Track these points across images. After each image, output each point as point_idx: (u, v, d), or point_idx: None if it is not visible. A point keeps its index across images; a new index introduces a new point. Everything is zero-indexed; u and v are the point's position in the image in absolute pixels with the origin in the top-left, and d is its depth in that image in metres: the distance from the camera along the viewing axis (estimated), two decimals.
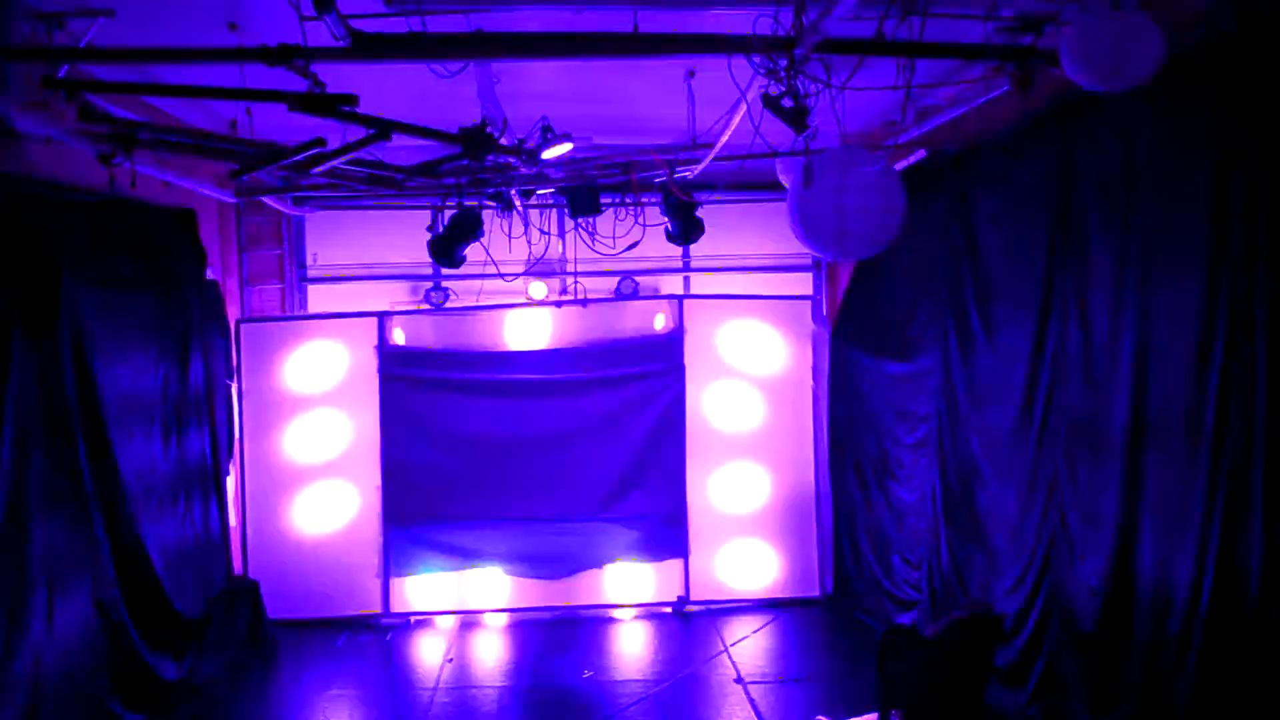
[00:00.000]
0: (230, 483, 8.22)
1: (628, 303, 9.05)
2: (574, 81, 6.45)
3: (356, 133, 5.53)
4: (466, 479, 8.60)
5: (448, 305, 9.04)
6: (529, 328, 8.87)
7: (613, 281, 9.14)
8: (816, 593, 8.88)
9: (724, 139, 6.62)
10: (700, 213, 7.84)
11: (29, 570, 5.17)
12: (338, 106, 4.83)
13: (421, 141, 5.93)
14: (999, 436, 6.21)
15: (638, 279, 9.21)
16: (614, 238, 7.86)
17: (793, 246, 7.15)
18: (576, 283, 8.78)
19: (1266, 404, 3.98)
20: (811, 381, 8.96)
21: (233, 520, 8.16)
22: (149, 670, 6.25)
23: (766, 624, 8.35)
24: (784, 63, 4.44)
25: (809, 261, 9.51)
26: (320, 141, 5.61)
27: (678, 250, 9.22)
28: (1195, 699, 4.36)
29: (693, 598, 8.76)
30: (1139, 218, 4.83)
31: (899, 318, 7.74)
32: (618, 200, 7.96)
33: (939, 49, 4.76)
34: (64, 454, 5.58)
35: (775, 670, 7.35)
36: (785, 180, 6.68)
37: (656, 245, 8.34)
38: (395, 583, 8.60)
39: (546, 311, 8.87)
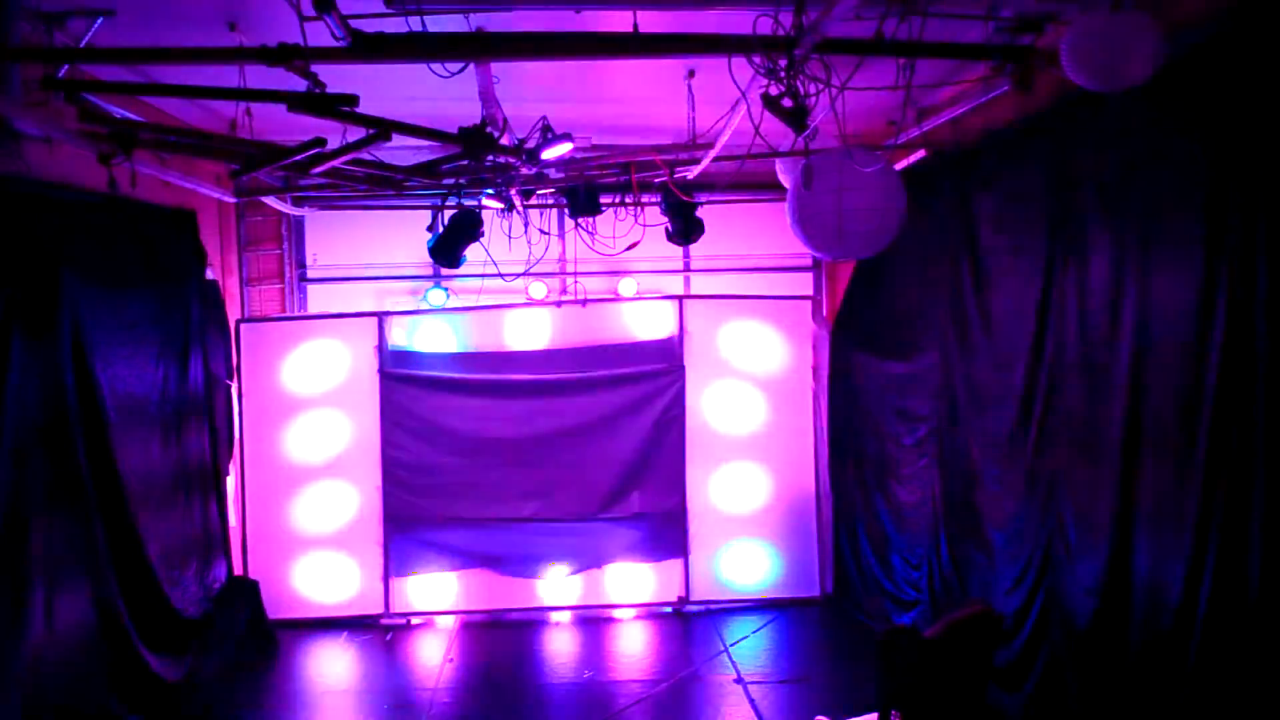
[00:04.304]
0: (230, 482, 8.22)
1: (627, 303, 9.04)
2: (574, 81, 6.46)
3: (356, 133, 5.54)
4: (466, 479, 8.59)
5: (447, 305, 9.05)
6: (529, 328, 8.87)
7: (613, 281, 9.15)
8: (816, 593, 8.88)
9: (724, 139, 6.63)
10: (700, 213, 7.85)
11: (29, 570, 5.17)
12: (337, 106, 4.84)
13: (421, 141, 5.94)
14: (998, 437, 6.21)
15: (638, 279, 9.22)
16: (614, 238, 7.86)
17: (793, 246, 7.14)
18: (576, 283, 8.78)
19: (1265, 404, 3.98)
20: (811, 381, 8.96)
21: (233, 520, 8.16)
22: (149, 670, 6.25)
23: (766, 624, 8.35)
24: (784, 63, 4.44)
25: (809, 261, 9.51)
26: (320, 141, 5.62)
27: (678, 250, 9.22)
28: (1192, 699, 4.37)
29: (693, 598, 8.76)
30: (1138, 218, 4.82)
31: (899, 318, 7.74)
32: (618, 200, 7.96)
33: (939, 49, 4.77)
34: (64, 454, 5.58)
35: (775, 670, 7.35)
36: (785, 180, 6.69)
37: (656, 245, 8.34)
38: (395, 583, 8.61)
39: (546, 311, 8.87)
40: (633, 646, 8.08)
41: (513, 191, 7.67)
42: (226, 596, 7.57)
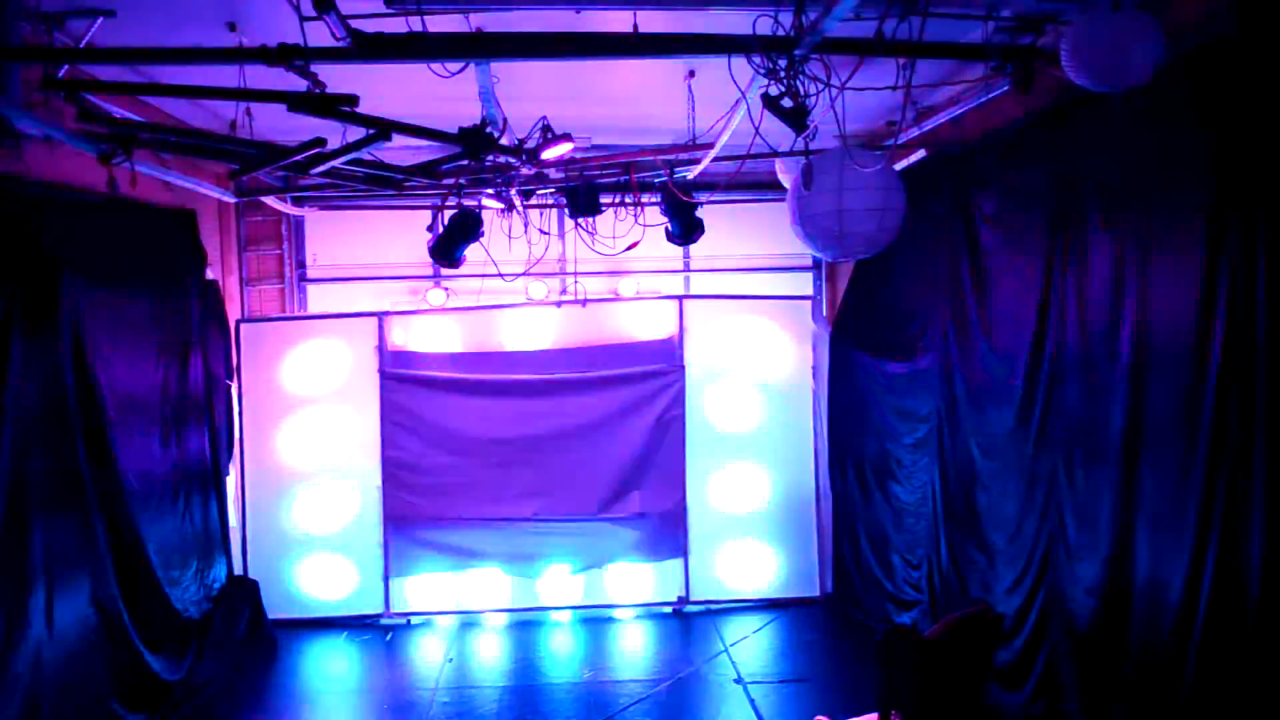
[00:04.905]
0: (230, 482, 8.22)
1: (627, 302, 9.04)
2: (574, 81, 6.46)
3: (356, 133, 5.54)
4: (466, 479, 8.59)
5: (447, 305, 9.05)
6: (529, 328, 8.86)
7: (613, 281, 9.15)
8: (816, 593, 8.88)
9: (724, 139, 6.63)
10: (700, 213, 7.85)
11: (29, 570, 5.17)
12: (338, 106, 4.84)
13: (421, 141, 5.94)
14: (998, 437, 6.21)
15: (638, 279, 9.22)
16: (614, 238, 7.86)
17: (793, 246, 7.13)
18: (576, 283, 8.78)
19: (1266, 403, 3.98)
20: (811, 381, 8.96)
21: (233, 520, 8.16)
22: (149, 670, 6.25)
23: (766, 624, 8.35)
24: (784, 63, 4.44)
25: (809, 261, 9.51)
26: (320, 141, 5.61)
27: (678, 250, 9.22)
28: (1193, 698, 4.37)
29: (693, 598, 8.76)
30: (1138, 218, 4.83)
31: (899, 318, 7.74)
32: (618, 200, 7.96)
33: (939, 49, 4.77)
34: (64, 454, 5.58)
35: (775, 670, 7.35)
36: (785, 180, 6.69)
37: (656, 245, 8.34)
38: (395, 583, 8.61)
39: (546, 311, 8.87)
40: (633, 646, 8.08)
41: (513, 191, 7.66)
42: (226, 596, 7.57)
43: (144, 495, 6.45)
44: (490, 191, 7.62)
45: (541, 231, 8.18)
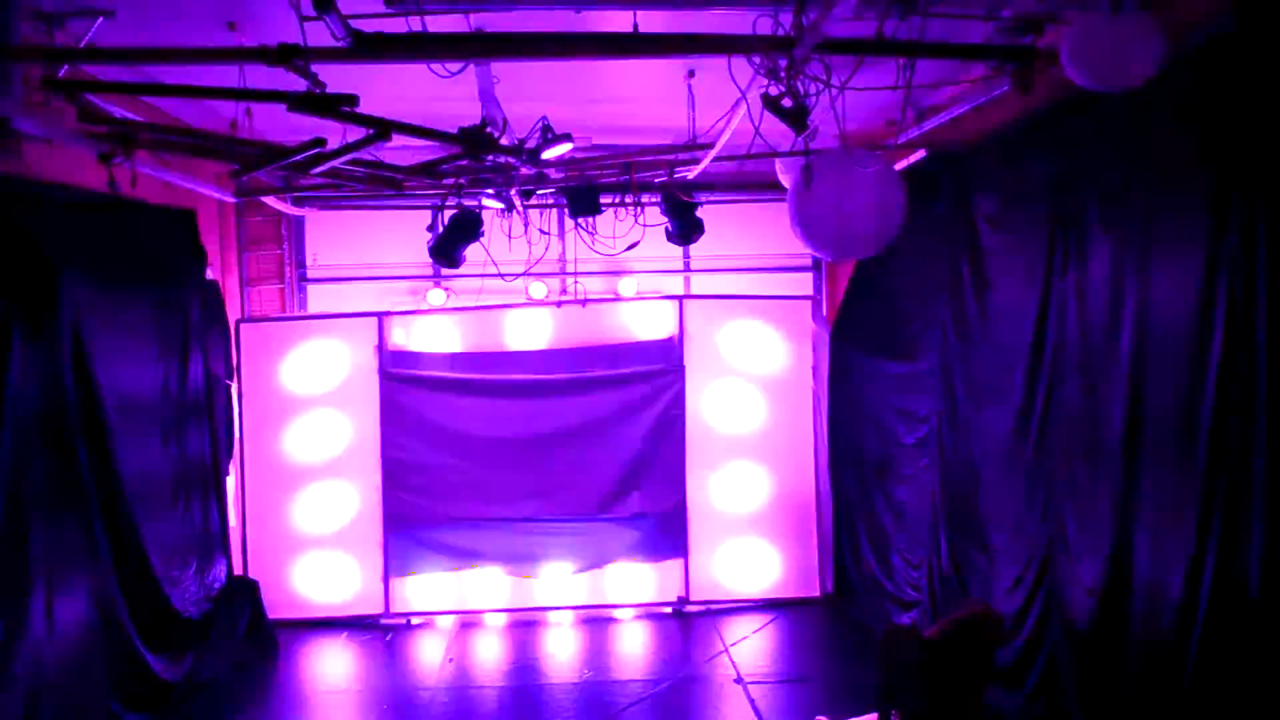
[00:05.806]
0: (230, 483, 8.22)
1: (627, 302, 9.05)
2: (574, 81, 6.46)
3: (357, 133, 5.54)
4: (466, 479, 8.59)
5: (447, 305, 9.05)
6: (529, 328, 8.87)
7: (613, 281, 9.15)
8: (816, 593, 8.88)
9: (724, 139, 6.63)
10: (700, 213, 7.85)
11: (29, 570, 5.17)
12: (338, 106, 4.84)
13: (421, 141, 5.94)
14: (998, 437, 6.21)
15: (638, 279, 9.23)
16: (614, 238, 7.86)
17: (793, 246, 7.14)
18: (576, 283, 8.79)
19: (1266, 403, 3.98)
20: (811, 381, 8.96)
21: (233, 520, 8.16)
22: (149, 670, 6.25)
23: (766, 624, 8.35)
24: (784, 63, 4.44)
25: (809, 261, 9.51)
26: (320, 141, 5.62)
27: (678, 250, 9.23)
28: (1193, 698, 4.37)
29: (693, 598, 8.76)
30: (1138, 218, 4.82)
31: (899, 318, 7.74)
32: (618, 200, 7.97)
33: (939, 49, 4.77)
34: (64, 454, 5.57)
35: (775, 670, 7.35)
36: (785, 180, 6.69)
37: (656, 245, 8.34)
38: (395, 583, 8.61)
39: (546, 311, 8.88)
40: (633, 646, 8.08)
41: (513, 191, 7.66)
42: (226, 596, 7.57)
43: (144, 495, 6.45)
44: (490, 191, 7.62)
45: (541, 231, 8.18)
